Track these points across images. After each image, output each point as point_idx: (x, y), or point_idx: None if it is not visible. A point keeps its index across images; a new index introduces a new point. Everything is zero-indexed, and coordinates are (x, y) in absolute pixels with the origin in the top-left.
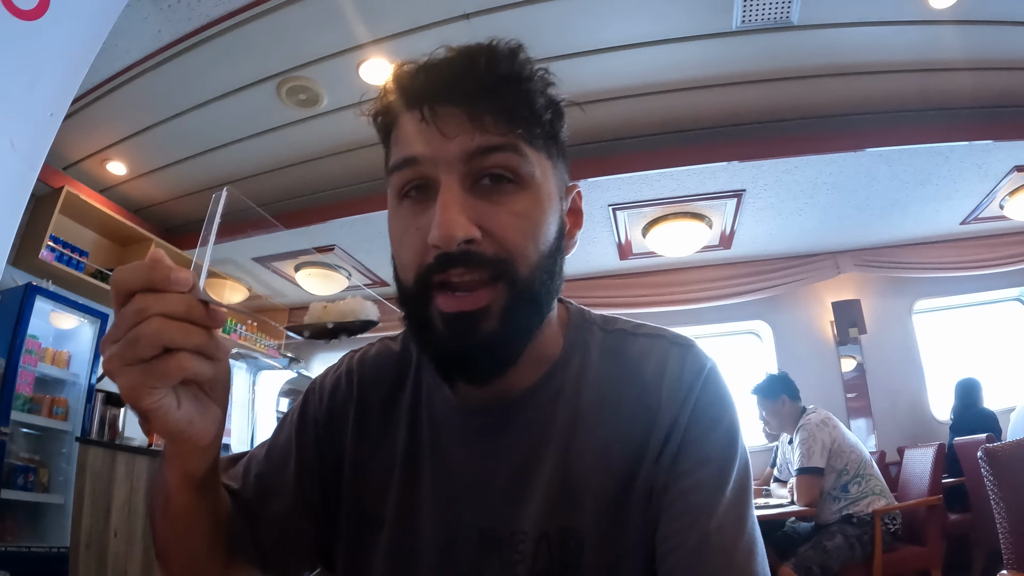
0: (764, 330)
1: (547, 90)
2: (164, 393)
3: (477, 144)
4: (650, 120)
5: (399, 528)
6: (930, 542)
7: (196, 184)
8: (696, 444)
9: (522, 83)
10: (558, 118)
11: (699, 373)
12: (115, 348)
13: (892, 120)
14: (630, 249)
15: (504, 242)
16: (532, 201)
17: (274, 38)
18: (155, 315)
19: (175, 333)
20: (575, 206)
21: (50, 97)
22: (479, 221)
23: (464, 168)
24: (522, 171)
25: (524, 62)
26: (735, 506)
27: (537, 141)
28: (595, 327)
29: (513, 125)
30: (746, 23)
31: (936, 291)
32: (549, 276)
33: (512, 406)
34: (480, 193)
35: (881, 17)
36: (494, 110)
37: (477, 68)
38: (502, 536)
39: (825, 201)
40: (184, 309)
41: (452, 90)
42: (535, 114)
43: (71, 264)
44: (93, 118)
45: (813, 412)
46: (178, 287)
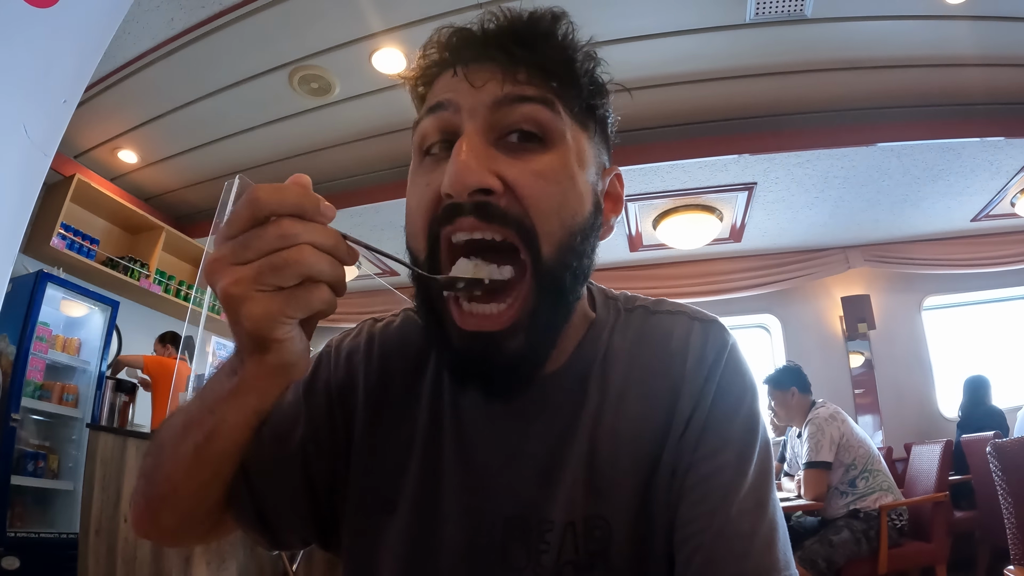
0: (773, 324)
1: (589, 61)
2: (295, 325)
3: (506, 92)
4: (662, 112)
5: (419, 513)
6: (936, 538)
7: (207, 172)
8: (718, 425)
9: (561, 42)
10: (598, 93)
11: (722, 349)
12: (247, 271)
13: (904, 115)
14: (640, 241)
15: (525, 199)
16: (560, 163)
17: (287, 27)
18: (305, 243)
19: (325, 265)
20: (614, 190)
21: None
22: (506, 175)
23: (490, 117)
24: (552, 127)
25: (565, 26)
26: (756, 490)
27: (572, 104)
28: (618, 305)
29: (547, 80)
30: (760, 15)
31: (946, 288)
32: (577, 257)
33: (540, 389)
34: (505, 148)
35: (895, 11)
36: (529, 64)
37: (516, 24)
38: (529, 525)
39: (836, 195)
40: (333, 243)
41: (488, 45)
42: (572, 75)
43: (82, 252)
44: (105, 106)
45: (822, 406)
46: (325, 219)
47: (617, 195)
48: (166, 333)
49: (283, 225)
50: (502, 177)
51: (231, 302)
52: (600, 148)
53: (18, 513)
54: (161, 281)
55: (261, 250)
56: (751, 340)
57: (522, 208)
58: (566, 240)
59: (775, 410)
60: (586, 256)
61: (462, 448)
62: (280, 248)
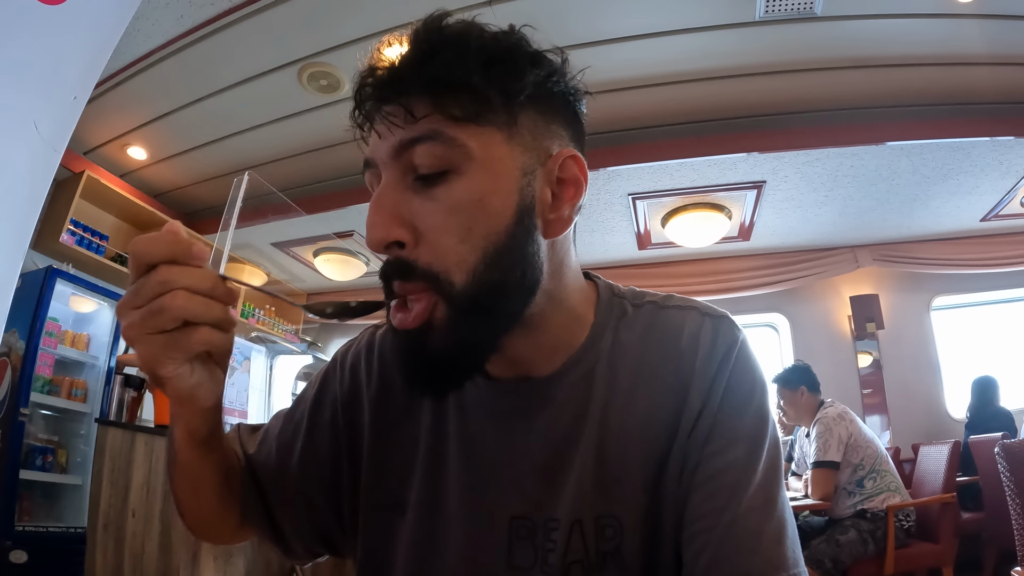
0: (781, 323)
1: (489, 49)
2: (182, 362)
3: (398, 139)
4: (671, 109)
5: (425, 514)
6: (943, 540)
7: (216, 169)
8: (728, 422)
9: (442, 53)
10: (511, 79)
11: (732, 346)
12: (136, 316)
13: (914, 114)
14: (649, 239)
15: (435, 247)
16: (470, 188)
17: (296, 24)
18: (180, 289)
19: (199, 307)
20: (568, 174)
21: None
22: (412, 220)
23: (397, 165)
24: (448, 158)
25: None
26: (765, 488)
27: (477, 115)
28: (625, 301)
29: (436, 104)
30: (769, 13)
31: (955, 288)
32: (503, 271)
33: (545, 386)
34: (420, 189)
35: (905, 10)
36: (418, 92)
37: (412, 53)
38: (535, 524)
39: (845, 194)
40: (209, 285)
41: (389, 86)
42: (463, 84)
43: (91, 248)
44: (114, 103)
45: (830, 406)
46: (199, 261)
47: (574, 178)
48: None
49: (160, 272)
50: (416, 227)
51: (129, 343)
52: (541, 132)
53: (26, 507)
54: None
55: (145, 297)
56: (759, 339)
57: (435, 256)
58: (479, 264)
59: (784, 409)
60: (516, 267)
61: (466, 448)
62: (160, 294)
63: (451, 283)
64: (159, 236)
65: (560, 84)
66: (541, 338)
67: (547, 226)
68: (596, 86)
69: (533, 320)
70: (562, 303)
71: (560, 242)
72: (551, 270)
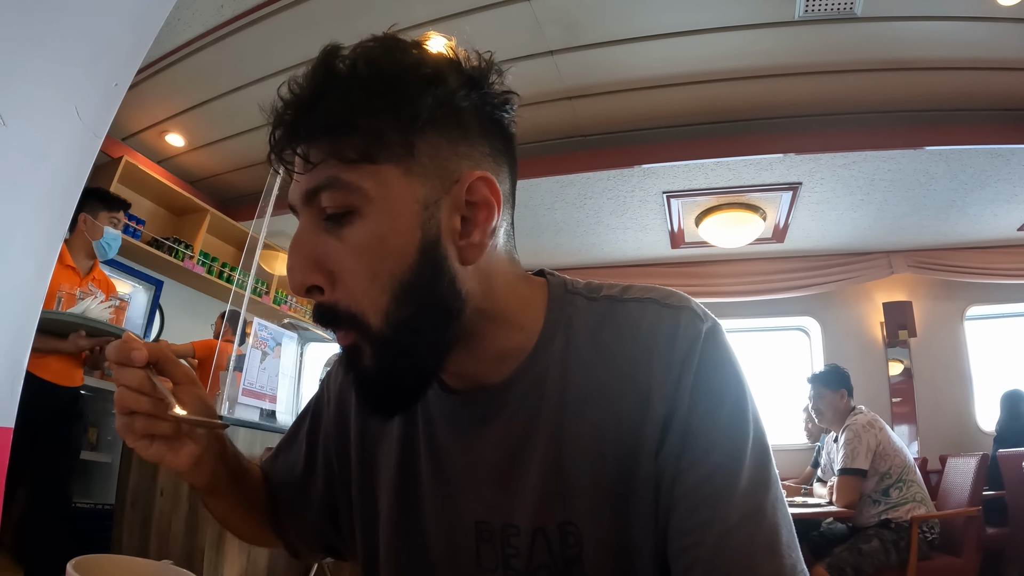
0: (812, 327)
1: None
2: (136, 440)
3: (304, 188)
4: (707, 108)
5: (404, 521)
6: (966, 553)
7: (253, 158)
8: (701, 427)
9: (332, 93)
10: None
11: (694, 341)
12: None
13: (953, 118)
14: (682, 238)
15: (349, 290)
16: (369, 230)
17: (334, 16)
18: (121, 385)
19: (131, 401)
20: (479, 197)
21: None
22: (327, 263)
23: (310, 209)
24: (351, 202)
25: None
26: (752, 493)
27: (370, 153)
28: (579, 297)
29: (332, 149)
30: (809, 13)
31: (989, 297)
32: (416, 308)
33: (497, 394)
34: (331, 230)
35: (947, 12)
36: (308, 140)
37: (297, 100)
38: (494, 529)
39: (881, 198)
40: (136, 383)
41: (286, 132)
42: (347, 126)
43: (128, 232)
44: (153, 90)
45: (860, 413)
46: (135, 363)
47: (484, 200)
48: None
49: (114, 373)
50: (330, 270)
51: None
52: (440, 163)
53: None
54: (205, 262)
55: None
56: (790, 342)
57: (349, 298)
58: (391, 303)
59: (821, 411)
60: (428, 302)
61: (434, 456)
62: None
63: (367, 324)
64: (113, 344)
65: (471, 97)
66: (482, 352)
67: (460, 253)
68: (632, 83)
69: (470, 337)
70: (500, 317)
71: (485, 262)
72: (480, 290)
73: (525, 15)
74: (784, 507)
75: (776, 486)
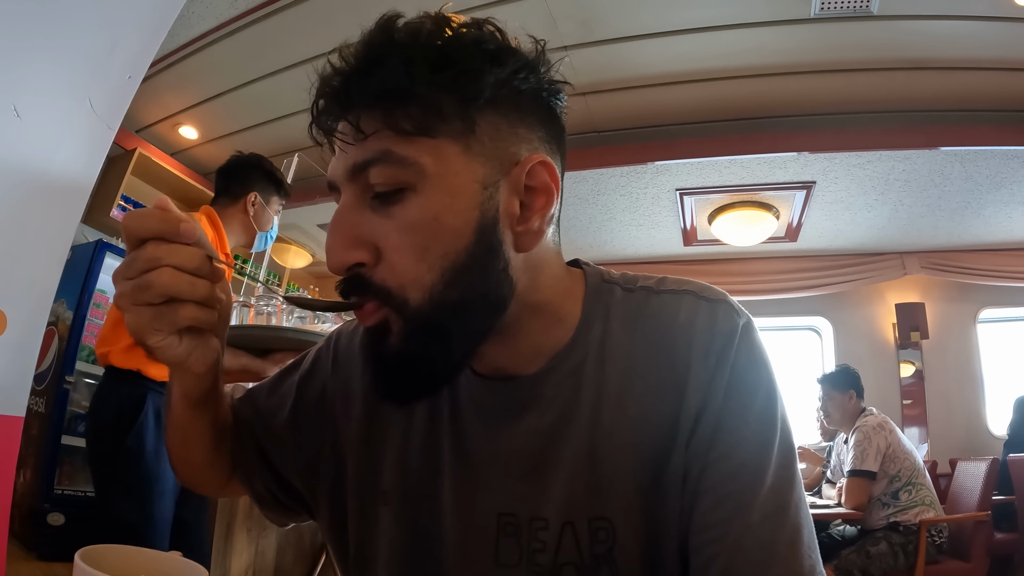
0: (824, 327)
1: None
2: (168, 334)
3: (353, 159)
4: (722, 105)
5: (418, 506)
6: (974, 558)
7: (266, 150)
8: (733, 422)
9: (387, 64)
10: (468, 75)
11: (732, 333)
12: (127, 287)
13: (969, 119)
14: (695, 235)
15: (393, 267)
16: (426, 206)
17: (349, 9)
18: (166, 266)
19: (184, 286)
20: (539, 182)
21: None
22: (372, 239)
23: (354, 185)
24: (405, 177)
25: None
26: (777, 492)
27: (429, 128)
28: (616, 288)
29: (386, 120)
30: (825, 10)
31: (1003, 300)
32: (463, 291)
33: (531, 384)
34: (377, 207)
35: (963, 12)
36: (365, 108)
37: (353, 64)
38: (520, 522)
39: (896, 198)
40: (195, 264)
41: (337, 100)
42: (410, 97)
43: None
44: (167, 83)
45: (871, 414)
46: (187, 239)
47: (544, 186)
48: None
49: (148, 249)
50: (376, 245)
51: (121, 311)
52: (500, 144)
53: (66, 472)
54: None
55: (136, 270)
56: (801, 342)
57: (392, 274)
58: (437, 282)
59: (829, 412)
60: (478, 286)
61: (458, 443)
62: (148, 270)
63: (405, 300)
64: (148, 212)
65: (530, 80)
66: (519, 345)
67: (517, 240)
68: (646, 80)
69: (509, 329)
70: (542, 308)
71: (536, 252)
72: (528, 282)
73: (539, 10)
74: (806, 508)
75: (799, 487)
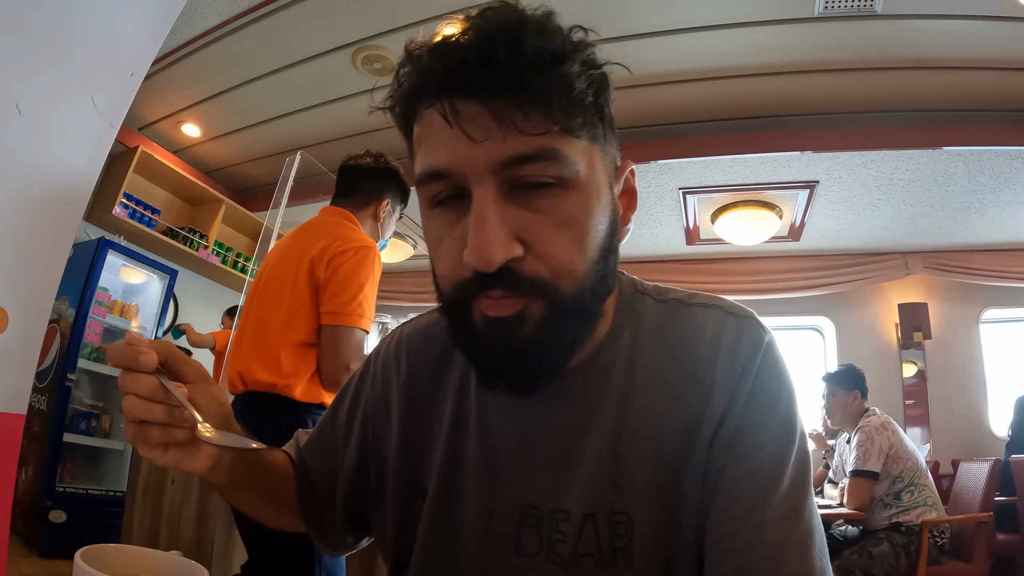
0: (827, 327)
1: (587, 62)
2: (150, 449)
3: (509, 152)
4: (725, 104)
5: (443, 497)
6: (976, 559)
7: (269, 148)
8: (753, 427)
9: (556, 64)
10: (602, 91)
11: (757, 348)
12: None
13: (973, 119)
14: (697, 234)
15: (548, 258)
16: (579, 203)
17: (351, 7)
18: (130, 394)
19: (142, 411)
20: (628, 186)
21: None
22: (521, 234)
23: (497, 177)
24: (564, 174)
25: (555, 35)
26: (792, 495)
27: (579, 131)
28: (648, 298)
29: (549, 119)
30: (828, 9)
31: (1006, 301)
32: (600, 281)
33: (562, 381)
34: (519, 199)
35: (968, 11)
36: (525, 103)
37: (502, 51)
38: (542, 513)
39: (899, 198)
40: (150, 391)
41: (472, 81)
42: (574, 100)
43: (143, 221)
44: (170, 81)
45: (873, 415)
46: (144, 368)
47: (632, 190)
48: (233, 307)
49: (120, 376)
50: (525, 240)
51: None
52: (612, 149)
53: (68, 469)
54: (219, 252)
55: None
56: (803, 342)
57: (546, 266)
58: (586, 272)
59: (831, 411)
60: (608, 274)
61: (484, 436)
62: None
63: (558, 289)
64: (115, 346)
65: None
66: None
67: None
68: (650, 78)
69: None
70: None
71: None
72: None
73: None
74: (819, 517)
75: (812, 496)
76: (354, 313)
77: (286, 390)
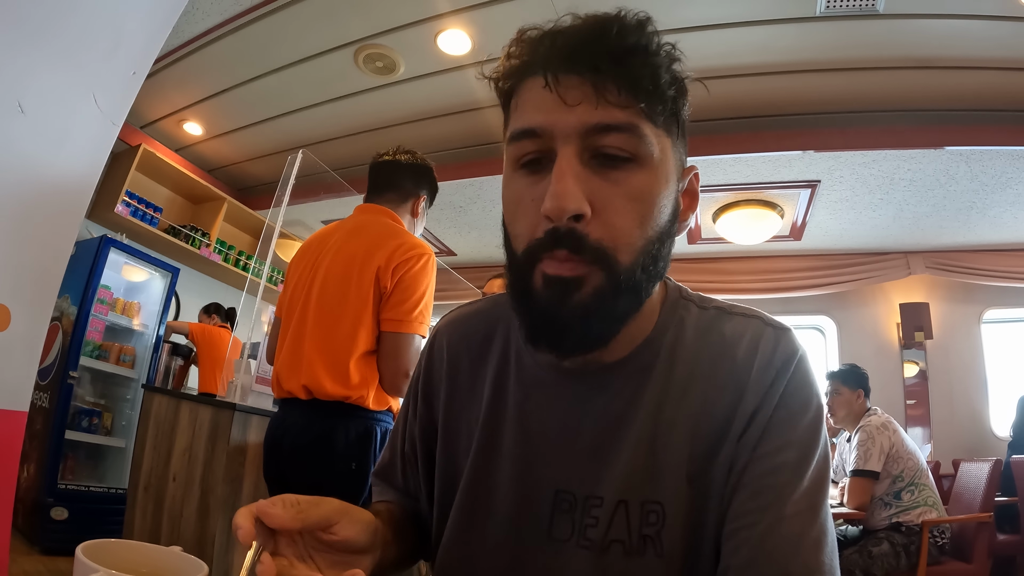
0: (828, 326)
1: (673, 66)
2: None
3: (597, 119)
4: (726, 103)
5: (475, 482)
6: (976, 560)
7: (270, 146)
8: (781, 427)
9: (649, 56)
10: (682, 95)
11: (790, 359)
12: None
13: (975, 119)
14: (699, 234)
15: (611, 226)
16: (649, 181)
17: (354, 5)
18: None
19: None
20: (691, 188)
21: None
22: (592, 197)
23: (581, 142)
24: (640, 151)
25: (652, 35)
26: (810, 494)
27: (659, 118)
28: (692, 304)
29: (636, 99)
30: (830, 9)
31: (1008, 301)
32: (653, 261)
33: (605, 373)
34: (596, 168)
35: (970, 11)
36: (618, 81)
37: (606, 36)
38: (576, 499)
39: (901, 198)
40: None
41: (577, 57)
42: (659, 90)
43: (145, 219)
44: (172, 79)
45: (875, 414)
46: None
47: (694, 192)
48: (210, 304)
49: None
50: (595, 204)
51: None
52: (682, 150)
53: (70, 466)
54: (221, 250)
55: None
56: (804, 341)
57: (609, 234)
58: (644, 247)
59: (834, 409)
60: (661, 258)
61: (522, 423)
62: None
63: (617, 260)
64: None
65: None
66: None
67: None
68: None
69: None
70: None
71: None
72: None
73: (544, 7)
74: (832, 522)
75: (828, 501)
76: (415, 320)
77: (360, 401)
